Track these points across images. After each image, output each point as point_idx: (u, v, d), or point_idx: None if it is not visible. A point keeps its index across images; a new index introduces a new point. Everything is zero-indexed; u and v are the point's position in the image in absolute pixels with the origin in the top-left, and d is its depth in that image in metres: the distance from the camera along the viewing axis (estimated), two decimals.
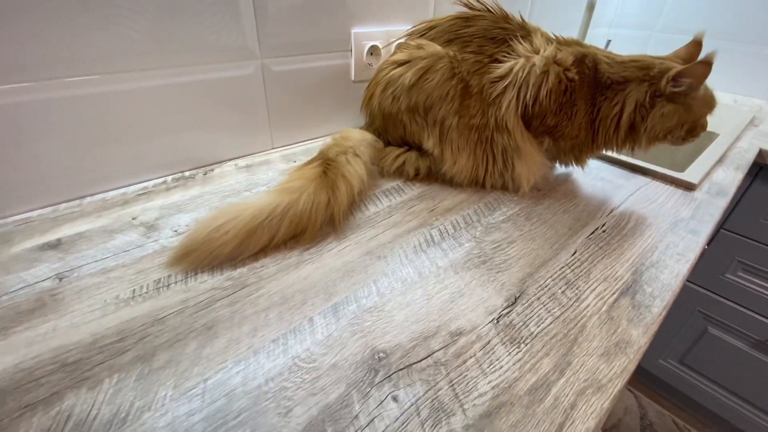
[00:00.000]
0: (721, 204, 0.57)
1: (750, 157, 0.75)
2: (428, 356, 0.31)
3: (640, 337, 0.34)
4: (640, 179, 0.63)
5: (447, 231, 0.47)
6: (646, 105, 0.47)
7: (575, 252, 0.45)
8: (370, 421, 0.26)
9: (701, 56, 0.48)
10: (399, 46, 0.56)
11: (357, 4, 0.64)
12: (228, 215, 0.40)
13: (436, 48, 0.49)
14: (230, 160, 0.61)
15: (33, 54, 0.40)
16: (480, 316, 0.36)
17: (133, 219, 0.46)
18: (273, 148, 0.66)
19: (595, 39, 1.34)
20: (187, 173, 0.57)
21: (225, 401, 0.27)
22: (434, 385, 0.29)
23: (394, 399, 0.28)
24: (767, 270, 0.90)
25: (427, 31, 0.53)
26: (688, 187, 0.61)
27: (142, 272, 0.38)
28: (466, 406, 0.28)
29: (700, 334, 1.05)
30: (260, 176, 0.57)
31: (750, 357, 0.97)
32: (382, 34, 0.70)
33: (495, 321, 0.35)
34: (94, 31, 0.42)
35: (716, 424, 1.15)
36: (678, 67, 0.45)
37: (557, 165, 0.61)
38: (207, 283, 0.37)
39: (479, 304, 0.37)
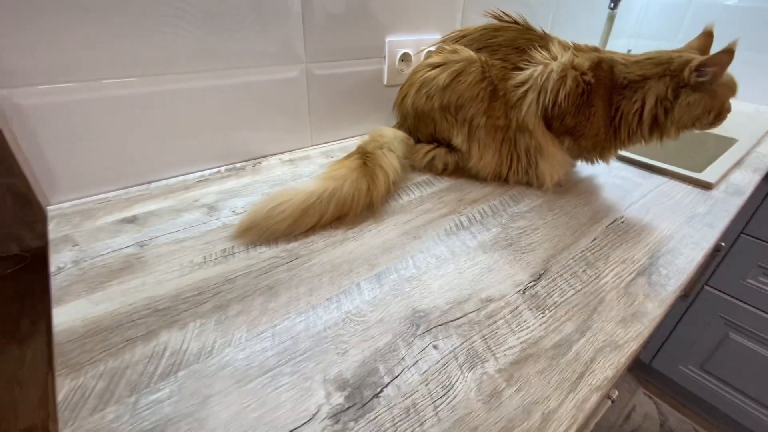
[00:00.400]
0: (737, 202, 0.60)
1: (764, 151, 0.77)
2: (463, 316, 0.36)
3: (655, 309, 0.38)
4: (659, 179, 0.66)
5: (475, 218, 0.52)
6: (670, 98, 0.50)
7: (595, 239, 0.49)
8: (415, 363, 0.31)
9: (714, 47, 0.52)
10: (433, 52, 0.62)
11: (391, 16, 0.70)
12: (283, 197, 0.45)
13: (469, 53, 0.55)
14: (275, 154, 0.67)
15: (113, 55, 0.47)
16: (508, 287, 0.40)
17: (195, 201, 0.52)
18: (312, 145, 0.71)
19: (616, 49, 1.37)
20: (237, 165, 0.63)
21: (291, 342, 0.32)
22: (469, 338, 0.33)
23: (435, 347, 0.32)
24: None
25: (459, 39, 0.58)
26: (706, 186, 0.64)
27: (209, 243, 0.44)
28: (497, 355, 0.32)
29: (722, 340, 1.05)
30: (302, 169, 0.62)
31: None
32: (413, 43, 0.76)
33: (521, 291, 0.39)
34: (165, 40, 0.49)
35: None
36: (700, 57, 0.49)
37: (583, 162, 0.65)
38: (266, 253, 0.43)
39: (507, 278, 0.41)
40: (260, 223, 0.44)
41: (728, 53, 0.47)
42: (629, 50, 1.17)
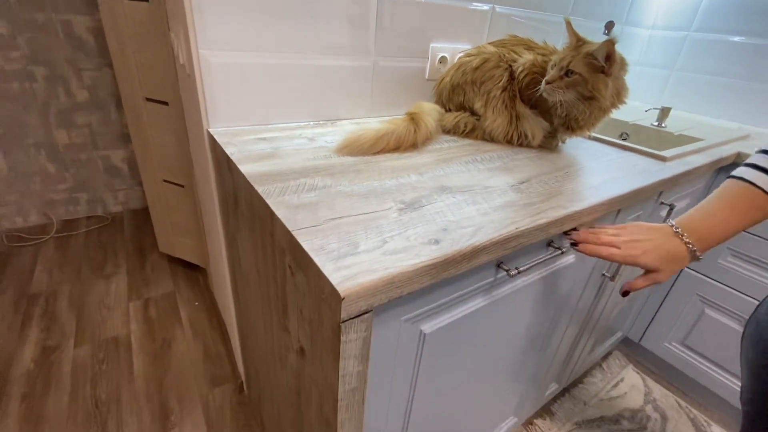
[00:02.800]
0: (681, 168, 0.81)
1: (725, 153, 0.98)
2: (471, 190, 0.59)
3: (588, 196, 0.61)
4: (627, 153, 0.89)
5: (485, 158, 0.76)
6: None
7: (566, 172, 0.72)
8: (442, 201, 0.55)
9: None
10: (467, 52, 0.88)
11: (435, 28, 0.97)
12: (364, 132, 0.71)
13: (493, 48, 0.81)
14: (345, 119, 0.94)
15: (267, 36, 0.75)
16: (502, 183, 0.63)
17: (299, 135, 0.79)
18: (370, 116, 0.98)
19: None
20: (321, 122, 0.90)
21: (372, 189, 0.57)
22: (473, 196, 0.57)
23: (453, 197, 0.56)
24: (751, 255, 1.08)
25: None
26: (662, 159, 0.86)
27: (314, 152, 0.70)
28: (488, 204, 0.55)
29: (699, 317, 1.22)
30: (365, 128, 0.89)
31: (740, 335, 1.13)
32: (450, 49, 1.02)
33: (511, 186, 0.63)
34: (295, 27, 0.77)
35: (714, 406, 1.27)
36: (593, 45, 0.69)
37: (556, 130, 0.87)
38: (351, 159, 0.68)
39: (503, 181, 0.65)
40: (351, 144, 0.70)
41: (609, 42, 0.65)
42: None
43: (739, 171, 0.53)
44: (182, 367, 1.26)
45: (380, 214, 0.50)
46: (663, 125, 1.22)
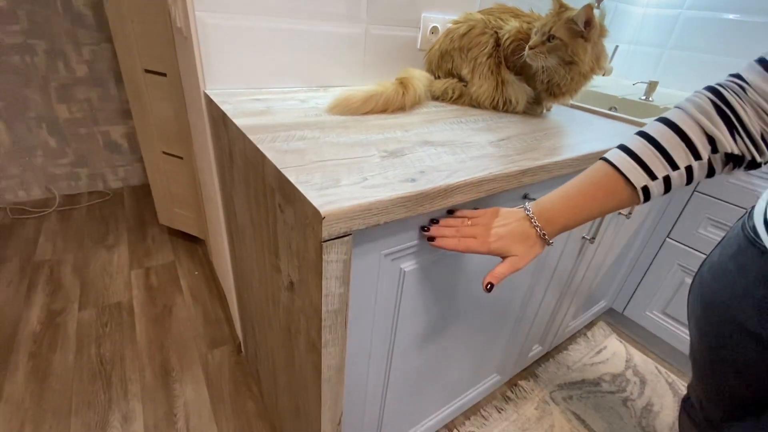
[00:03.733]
0: None
1: None
2: (452, 145, 0.63)
3: (562, 151, 0.64)
4: (609, 120, 0.92)
5: (470, 120, 0.79)
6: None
7: (545, 133, 0.75)
8: (423, 151, 0.59)
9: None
10: (455, 20, 0.90)
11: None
12: (354, 92, 0.75)
13: (479, 15, 0.83)
14: (337, 86, 0.97)
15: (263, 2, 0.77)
16: (484, 141, 0.67)
17: (292, 97, 0.82)
18: (362, 84, 1.01)
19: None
20: (313, 87, 0.93)
21: (359, 141, 0.61)
22: (453, 149, 0.61)
23: (434, 149, 0.60)
24: (729, 224, 1.12)
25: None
26: (640, 125, 0.88)
27: (308, 111, 0.73)
28: (467, 155, 0.59)
29: (678, 285, 1.26)
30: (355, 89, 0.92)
31: None
32: (441, 19, 1.04)
33: (491, 143, 0.66)
34: None
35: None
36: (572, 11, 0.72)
37: (540, 95, 0.90)
38: (341, 118, 0.72)
39: (484, 138, 0.68)
40: (341, 103, 0.73)
41: (588, 7, 0.69)
42: (616, 46, 1.43)
43: (610, 152, 0.49)
44: (182, 331, 1.31)
45: (363, 160, 0.53)
46: (650, 99, 1.25)
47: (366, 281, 0.52)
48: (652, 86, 1.24)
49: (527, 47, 0.77)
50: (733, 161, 0.41)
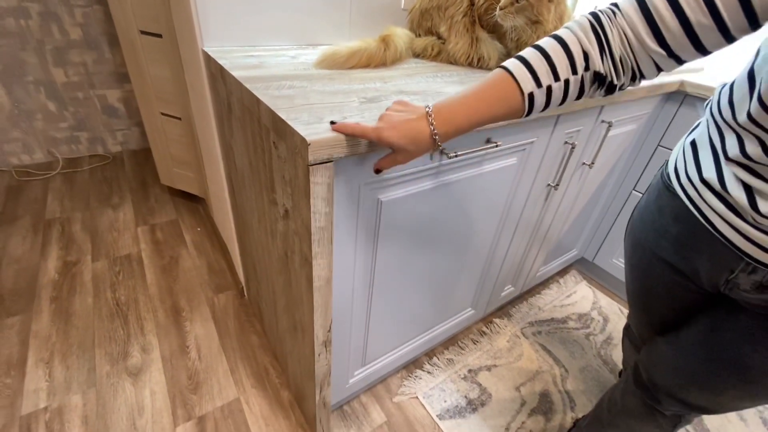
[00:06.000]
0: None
1: (667, 81, 1.10)
2: (423, 94, 0.72)
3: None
4: None
5: (445, 74, 0.87)
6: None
7: None
8: (394, 99, 0.68)
9: None
10: None
11: None
12: (339, 48, 0.82)
13: None
14: (326, 44, 1.04)
15: None
16: (453, 91, 0.76)
17: (283, 54, 0.89)
18: (349, 42, 1.08)
19: None
20: (303, 45, 1.00)
21: (341, 89, 0.69)
22: (425, 99, 0.70)
23: (408, 96, 0.69)
24: None
25: None
26: None
27: (297, 65, 0.81)
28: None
29: None
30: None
31: None
32: None
33: None
34: None
35: None
36: None
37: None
38: (328, 72, 0.80)
39: (454, 89, 0.77)
40: (327, 58, 0.81)
41: None
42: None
43: (508, 60, 0.49)
44: (189, 278, 1.44)
45: (344, 104, 0.63)
46: None
47: (348, 206, 0.62)
48: None
49: (497, 8, 0.84)
50: (598, 81, 0.47)
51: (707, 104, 0.56)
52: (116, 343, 1.18)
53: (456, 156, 0.68)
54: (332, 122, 0.53)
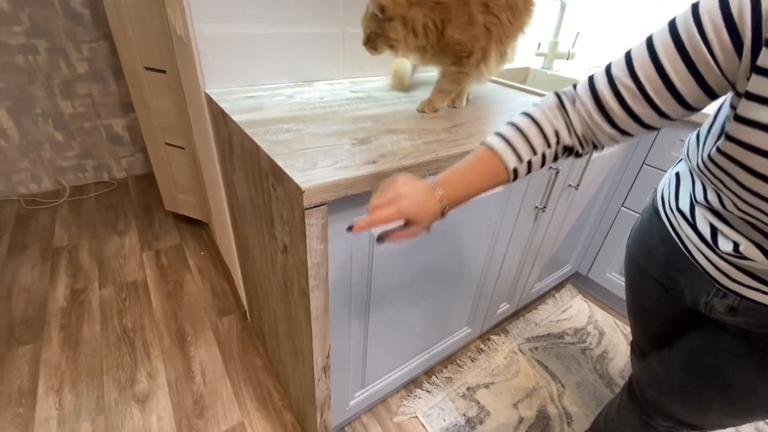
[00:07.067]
0: None
1: None
2: (415, 129, 0.77)
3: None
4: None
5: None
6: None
7: (502, 115, 0.89)
8: (385, 140, 0.73)
9: None
10: None
11: None
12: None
13: None
14: (320, 80, 1.10)
15: (249, 9, 0.90)
16: (439, 128, 0.81)
17: (280, 93, 0.95)
18: (343, 78, 1.14)
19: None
20: (299, 83, 1.06)
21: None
22: (413, 135, 0.75)
23: (396, 135, 0.74)
24: None
25: None
26: None
27: (293, 105, 0.87)
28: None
29: None
30: (335, 87, 1.05)
31: None
32: None
33: (445, 129, 0.80)
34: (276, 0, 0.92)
35: None
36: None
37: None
38: (321, 111, 0.85)
39: (440, 125, 0.82)
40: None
41: None
42: (578, 32, 1.55)
43: (490, 137, 0.55)
44: (194, 302, 1.48)
45: (337, 147, 0.68)
46: None
47: (342, 241, 0.67)
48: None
49: (363, 44, 0.84)
50: (568, 151, 0.53)
51: (685, 146, 0.61)
52: (123, 369, 1.22)
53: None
54: (349, 228, 0.52)
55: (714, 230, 0.51)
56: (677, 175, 0.61)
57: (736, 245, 0.48)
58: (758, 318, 0.52)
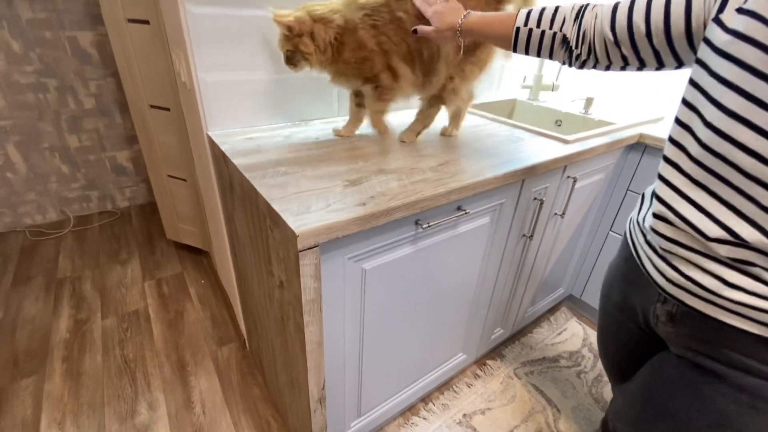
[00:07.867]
0: (579, 148, 1.04)
1: (626, 135, 1.21)
2: (404, 168, 0.83)
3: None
4: (538, 137, 1.11)
5: (421, 148, 0.99)
6: None
7: (483, 151, 0.95)
8: (375, 181, 0.78)
9: None
10: None
11: None
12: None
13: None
14: (316, 119, 1.16)
15: (245, 57, 0.97)
16: (426, 167, 0.86)
17: (278, 134, 1.01)
18: (338, 116, 1.20)
19: None
20: (296, 122, 1.12)
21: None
22: (401, 175, 0.80)
23: (386, 175, 0.79)
24: None
25: None
26: (564, 141, 1.09)
27: (291, 147, 0.92)
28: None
29: None
30: (331, 125, 1.11)
31: None
32: None
33: (431, 167, 0.86)
34: (273, 50, 0.99)
35: None
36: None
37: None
38: (316, 152, 0.91)
39: (427, 164, 0.87)
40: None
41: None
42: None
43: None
44: (194, 331, 1.50)
45: (330, 189, 0.73)
46: (588, 113, 1.45)
47: (335, 278, 0.71)
48: (588, 102, 1.44)
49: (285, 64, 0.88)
50: (565, 45, 0.66)
51: None
52: (124, 401, 1.23)
53: (429, 226, 0.78)
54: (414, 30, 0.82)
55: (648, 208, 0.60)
56: (643, 194, 0.66)
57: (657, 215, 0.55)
58: (693, 328, 0.55)
